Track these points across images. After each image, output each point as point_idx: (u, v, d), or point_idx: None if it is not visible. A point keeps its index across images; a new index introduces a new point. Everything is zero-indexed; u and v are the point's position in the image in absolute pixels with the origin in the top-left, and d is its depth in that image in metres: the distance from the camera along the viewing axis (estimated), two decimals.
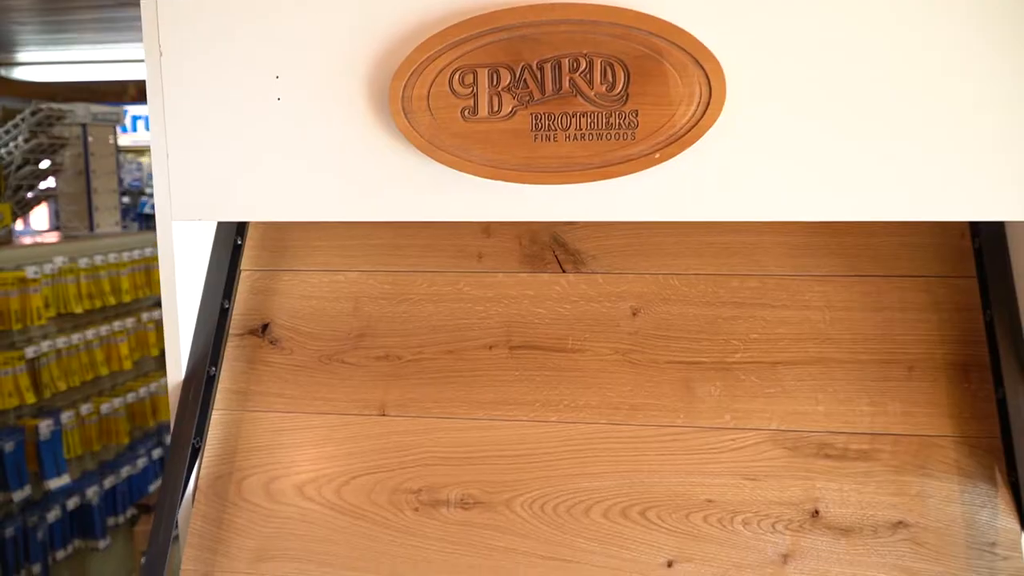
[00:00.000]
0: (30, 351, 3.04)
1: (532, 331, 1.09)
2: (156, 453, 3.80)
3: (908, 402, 1.00)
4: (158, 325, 3.80)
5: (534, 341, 1.09)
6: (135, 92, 5.81)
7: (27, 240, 3.64)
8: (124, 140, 5.63)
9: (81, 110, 3.83)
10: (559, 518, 1.01)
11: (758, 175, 0.93)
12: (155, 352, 3.80)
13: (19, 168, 3.58)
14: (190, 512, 1.08)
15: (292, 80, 0.99)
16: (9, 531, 3.05)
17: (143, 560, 1.01)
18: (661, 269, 1.09)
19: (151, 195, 6.07)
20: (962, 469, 0.97)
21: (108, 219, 4.04)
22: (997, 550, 0.94)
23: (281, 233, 1.18)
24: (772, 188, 0.93)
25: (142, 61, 1.02)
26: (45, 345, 3.09)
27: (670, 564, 0.98)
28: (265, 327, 1.15)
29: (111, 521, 3.55)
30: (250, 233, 1.19)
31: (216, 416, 1.11)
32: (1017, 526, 0.94)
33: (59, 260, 3.17)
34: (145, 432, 3.82)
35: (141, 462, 3.69)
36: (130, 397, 3.57)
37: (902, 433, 0.99)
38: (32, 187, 3.67)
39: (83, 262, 3.30)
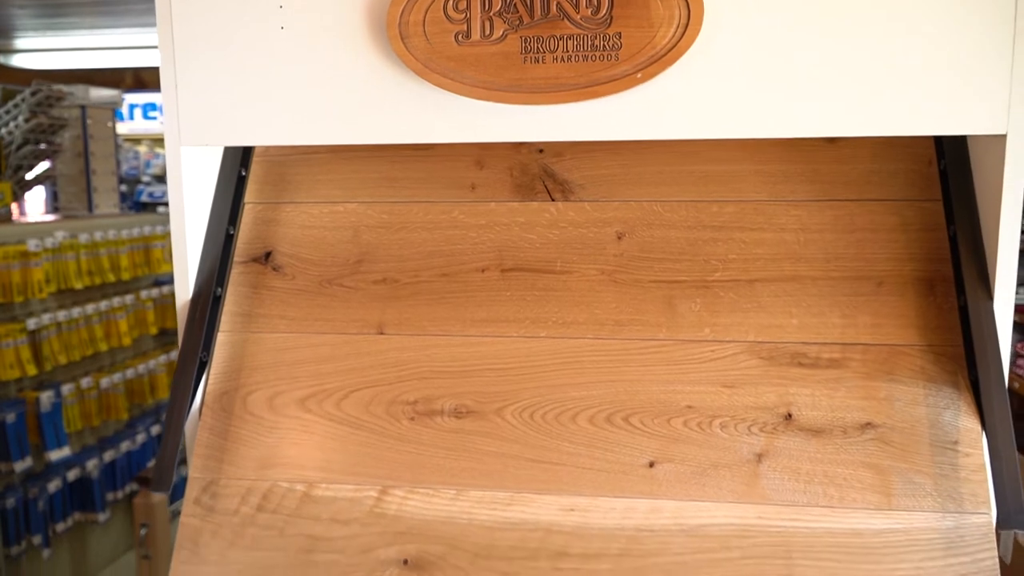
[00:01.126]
0: (32, 323, 3.08)
1: (522, 255, 1.15)
2: (155, 430, 3.84)
3: (877, 315, 1.06)
4: (156, 303, 3.85)
5: (524, 264, 1.14)
6: (132, 80, 5.85)
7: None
8: (121, 128, 5.66)
9: (80, 91, 3.88)
10: (547, 425, 1.07)
11: (734, 94, 0.99)
12: (154, 331, 3.85)
13: (19, 148, 3.63)
14: (197, 424, 1.13)
15: (295, 9, 1.04)
16: (10, 501, 3.09)
17: (153, 462, 1.06)
18: (644, 196, 1.15)
19: (148, 183, 6.11)
20: (927, 374, 1.03)
21: (107, 201, 4.09)
22: (959, 447, 1.00)
23: (283, 169, 1.24)
24: (747, 106, 0.99)
25: (140, 48, 1.08)
26: (46, 318, 3.14)
27: (651, 464, 1.04)
28: (268, 255, 1.20)
29: (110, 496, 3.59)
30: (253, 169, 1.24)
31: (222, 337, 1.17)
32: (978, 425, 1.00)
33: (60, 235, 3.21)
34: (144, 410, 3.87)
35: (140, 438, 3.74)
36: (129, 373, 3.62)
37: (871, 343, 1.05)
38: (32, 167, 3.72)
39: (83, 237, 3.35)
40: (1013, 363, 3.73)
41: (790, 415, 1.04)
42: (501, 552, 1.02)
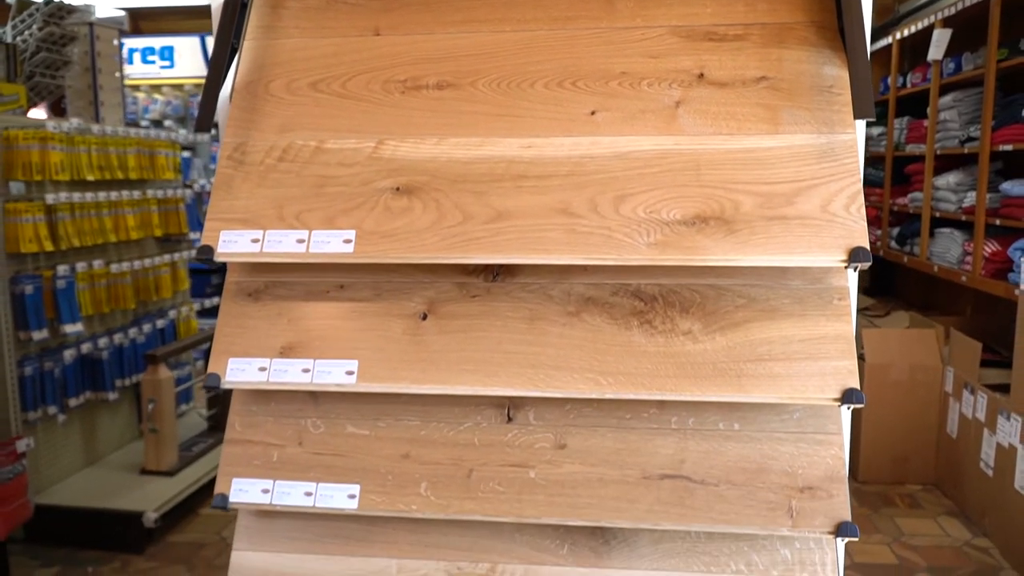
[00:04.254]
0: (49, 198, 3.32)
1: None
2: (160, 323, 4.09)
3: (773, 2, 1.33)
4: (160, 208, 4.10)
5: None
6: (130, 26, 6.08)
7: None
8: None
9: (87, 10, 4.13)
10: (511, 90, 1.34)
11: None
12: (159, 232, 4.09)
13: (33, 55, 3.87)
14: (227, 108, 1.39)
15: None
16: (28, 370, 3.34)
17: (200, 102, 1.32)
18: None
19: (146, 127, 6.34)
20: (811, 42, 1.30)
21: (112, 116, 4.33)
22: (833, 89, 1.27)
23: None
24: None
25: None
26: (63, 196, 3.38)
27: (593, 113, 1.31)
28: None
29: (119, 383, 3.83)
30: None
31: (247, 44, 1.43)
32: (847, 74, 1.27)
33: (75, 120, 3.46)
34: (148, 309, 4.12)
35: (147, 328, 3.98)
36: (136, 264, 3.86)
37: (768, 22, 1.32)
38: (44, 75, 3.95)
39: (95, 129, 3.59)
40: (962, 261, 4.03)
41: (702, 75, 1.31)
42: (474, 179, 1.29)
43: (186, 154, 5.98)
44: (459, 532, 1.39)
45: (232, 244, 1.29)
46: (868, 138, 5.44)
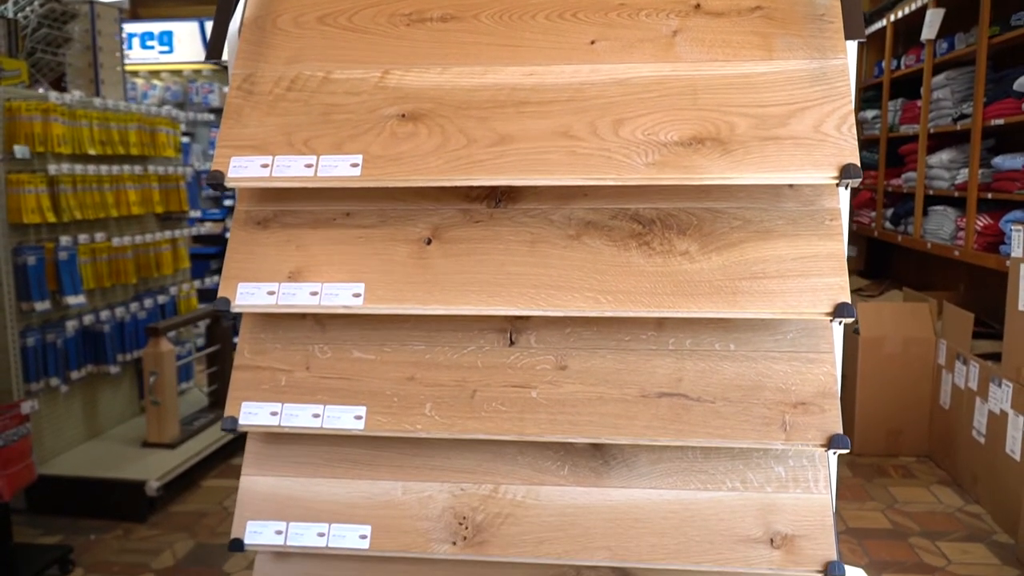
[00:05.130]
0: (51, 168, 3.35)
1: None
2: (161, 298, 4.12)
3: None
4: (161, 185, 4.13)
5: None
6: (129, 12, 6.10)
7: None
8: None
9: None
10: (513, 22, 1.38)
11: None
12: (159, 209, 4.12)
13: (34, 31, 3.90)
14: (236, 46, 1.43)
15: None
16: (30, 341, 3.36)
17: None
18: None
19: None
20: None
21: (112, 93, 4.36)
22: (825, 18, 1.31)
23: None
24: None
25: None
26: (64, 168, 3.41)
27: (592, 42, 1.34)
28: None
29: (120, 358, 3.86)
30: None
31: None
32: (837, 3, 1.31)
33: (77, 93, 3.49)
34: (149, 286, 4.15)
35: (148, 303, 4.01)
36: (137, 239, 3.89)
37: None
38: (45, 52, 3.98)
39: (96, 103, 3.62)
40: (954, 237, 4.07)
41: (698, 5, 1.35)
42: (477, 105, 1.32)
43: (185, 139, 6.01)
44: (462, 455, 1.43)
45: (242, 169, 1.32)
46: (863, 122, 5.49)
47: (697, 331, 1.36)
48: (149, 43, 6.32)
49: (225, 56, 1.48)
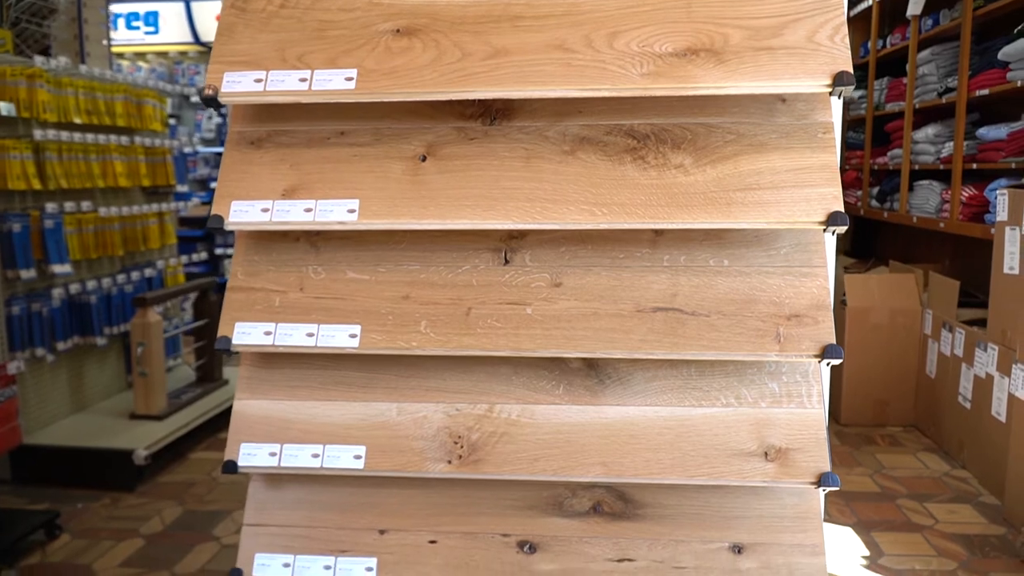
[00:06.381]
0: (37, 134, 3.32)
1: None
2: (148, 271, 4.09)
3: None
4: (148, 158, 4.10)
5: None
6: None
7: None
8: None
9: None
10: None
11: None
12: (146, 183, 4.09)
13: (19, 1, 3.86)
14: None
15: None
16: (16, 310, 3.33)
17: None
18: None
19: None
20: None
21: (98, 67, 4.32)
22: None
23: None
24: None
25: None
26: (51, 134, 3.38)
27: None
28: None
29: (107, 331, 3.83)
30: None
31: None
32: None
33: (63, 59, 3.46)
34: (135, 260, 4.12)
35: (135, 276, 3.98)
36: (124, 211, 3.87)
37: None
38: (30, 23, 3.95)
39: (83, 70, 3.59)
40: (940, 210, 4.11)
41: None
42: (472, 20, 1.33)
43: (171, 122, 5.97)
44: (457, 376, 1.43)
45: (236, 84, 1.32)
46: (849, 101, 5.53)
47: (691, 247, 1.37)
48: (135, 24, 6.27)
49: None
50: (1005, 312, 3.12)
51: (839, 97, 1.31)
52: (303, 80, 1.31)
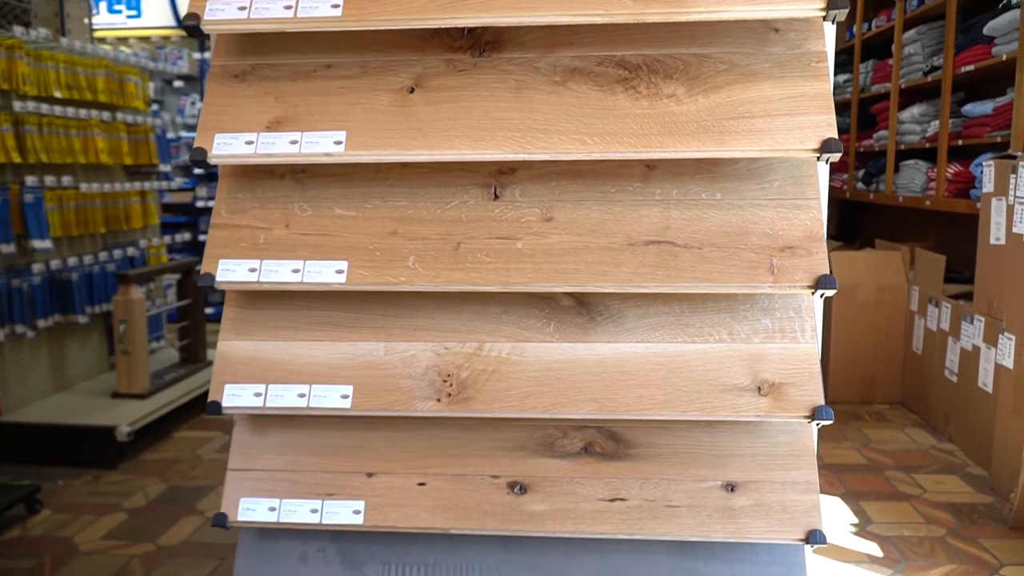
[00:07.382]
0: (17, 106, 3.27)
1: None
2: (131, 251, 4.04)
3: None
4: (131, 132, 4.04)
5: None
6: None
7: None
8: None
9: None
10: None
11: None
12: (128, 161, 4.04)
13: None
14: None
15: None
16: None
17: None
18: None
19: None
20: None
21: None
22: None
23: None
24: None
25: None
26: (30, 106, 3.32)
27: None
28: None
29: (88, 309, 3.78)
30: None
31: None
32: None
33: (43, 30, 3.40)
34: (117, 240, 4.06)
35: (117, 254, 3.93)
36: (106, 187, 3.81)
37: None
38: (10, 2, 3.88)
39: (63, 43, 3.54)
40: (926, 188, 4.12)
41: None
42: None
43: (154, 107, 5.91)
44: (446, 315, 1.41)
45: (219, 12, 1.29)
46: (834, 86, 5.54)
47: (683, 181, 1.35)
48: (116, 7, 6.20)
49: None
50: (991, 283, 3.13)
51: (832, 22, 1.29)
52: (288, 8, 1.28)
